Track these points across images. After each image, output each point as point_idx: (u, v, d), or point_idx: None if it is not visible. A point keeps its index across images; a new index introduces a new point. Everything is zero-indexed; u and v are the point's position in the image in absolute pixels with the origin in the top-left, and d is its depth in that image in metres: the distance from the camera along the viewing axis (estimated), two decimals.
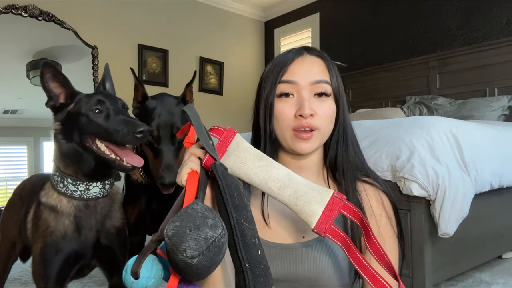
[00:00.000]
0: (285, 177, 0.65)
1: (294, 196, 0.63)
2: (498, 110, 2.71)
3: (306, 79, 0.75)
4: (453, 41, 3.31)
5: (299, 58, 0.78)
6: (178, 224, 0.52)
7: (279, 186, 0.64)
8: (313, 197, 0.63)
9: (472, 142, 1.60)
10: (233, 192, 0.58)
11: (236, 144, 0.68)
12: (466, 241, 1.66)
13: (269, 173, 0.65)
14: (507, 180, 1.77)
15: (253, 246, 0.57)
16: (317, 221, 0.61)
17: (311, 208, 0.62)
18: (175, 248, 0.51)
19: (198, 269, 0.53)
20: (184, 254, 0.51)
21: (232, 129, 0.69)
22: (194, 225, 0.52)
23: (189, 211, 0.54)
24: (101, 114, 0.99)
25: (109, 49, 3.84)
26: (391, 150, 1.48)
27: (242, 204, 0.59)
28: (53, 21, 3.47)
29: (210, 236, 0.52)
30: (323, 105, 0.75)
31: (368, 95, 3.78)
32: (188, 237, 0.51)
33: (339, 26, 4.28)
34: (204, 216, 0.54)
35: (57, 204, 1.01)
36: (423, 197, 1.41)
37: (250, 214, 0.59)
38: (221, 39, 4.77)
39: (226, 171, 0.61)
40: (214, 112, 4.62)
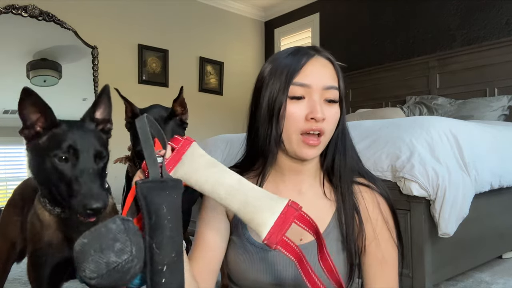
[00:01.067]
0: (236, 182, 0.62)
1: (244, 202, 0.60)
2: (498, 110, 2.71)
3: (319, 83, 0.74)
4: (453, 41, 3.31)
5: (312, 60, 0.76)
6: (86, 242, 0.53)
7: (229, 191, 0.61)
8: (266, 204, 0.59)
9: (472, 142, 1.60)
10: (152, 214, 0.57)
11: (191, 152, 0.66)
12: (466, 241, 1.66)
13: (219, 179, 0.63)
14: (507, 180, 1.77)
15: (158, 273, 0.57)
16: (268, 231, 0.57)
17: (262, 217, 0.58)
18: (78, 264, 0.52)
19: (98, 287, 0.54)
20: (83, 274, 0.52)
21: (189, 138, 0.68)
22: (100, 247, 0.52)
23: (102, 229, 0.54)
24: (66, 163, 0.86)
25: (109, 49, 3.84)
26: (391, 150, 1.47)
27: (159, 227, 0.57)
28: (53, 21, 3.47)
29: (112, 261, 0.52)
30: (331, 110, 0.75)
31: (368, 95, 3.78)
32: (90, 258, 0.52)
33: (339, 26, 4.28)
34: (114, 238, 0.53)
35: (40, 215, 0.99)
36: (423, 197, 1.41)
37: (167, 238, 0.57)
38: (221, 39, 4.77)
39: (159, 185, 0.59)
40: (214, 112, 4.62)
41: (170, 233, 0.58)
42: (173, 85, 4.33)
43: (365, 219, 0.77)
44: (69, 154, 0.86)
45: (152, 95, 4.17)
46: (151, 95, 4.17)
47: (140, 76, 4.09)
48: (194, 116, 4.72)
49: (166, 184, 0.60)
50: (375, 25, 3.90)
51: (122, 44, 3.97)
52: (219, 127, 4.40)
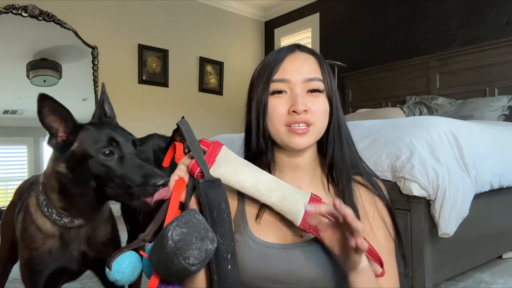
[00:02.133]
0: (273, 181, 0.72)
1: (282, 197, 0.70)
2: (498, 110, 2.71)
3: (299, 77, 0.75)
4: (453, 41, 3.31)
5: (291, 55, 0.78)
6: (186, 231, 0.57)
7: (268, 188, 0.70)
8: (297, 198, 0.70)
9: (472, 142, 1.60)
10: (213, 209, 0.64)
11: (225, 153, 0.73)
12: (466, 241, 1.66)
13: (259, 178, 0.71)
14: (507, 180, 1.77)
15: (224, 260, 0.63)
16: (301, 218, 0.68)
17: (297, 208, 0.69)
18: (178, 252, 0.55)
19: (190, 274, 0.59)
20: (186, 261, 0.55)
21: (218, 142, 0.74)
22: (200, 236, 0.57)
23: (194, 220, 0.58)
24: (113, 156, 0.84)
25: (109, 49, 3.84)
26: (391, 150, 1.47)
27: (221, 220, 0.64)
28: (53, 21, 3.47)
29: (209, 249, 0.58)
30: (316, 101, 0.76)
31: (368, 95, 3.78)
32: (194, 245, 0.56)
33: (339, 26, 4.28)
34: (206, 228, 0.59)
35: (41, 226, 0.96)
36: (423, 197, 1.41)
37: (227, 229, 0.64)
38: (221, 39, 4.77)
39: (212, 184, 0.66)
40: (214, 112, 4.62)
41: (229, 225, 0.65)
42: (173, 85, 4.33)
43: (363, 215, 0.78)
44: (113, 147, 0.84)
45: (152, 95, 4.18)
46: (151, 95, 4.17)
47: (140, 76, 4.09)
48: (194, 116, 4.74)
49: (218, 183, 0.68)
50: (375, 25, 3.90)
51: (122, 44, 3.97)
52: (219, 127, 4.40)
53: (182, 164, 0.72)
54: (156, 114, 4.01)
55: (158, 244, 0.59)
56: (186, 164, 0.72)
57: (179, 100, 4.35)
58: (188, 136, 0.71)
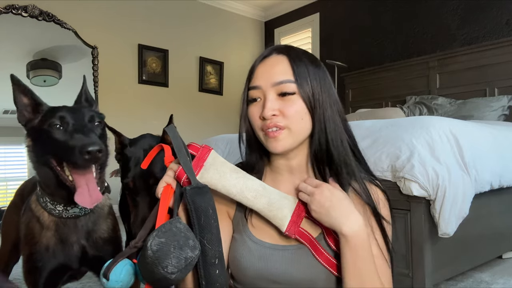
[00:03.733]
0: (259, 186, 0.73)
1: (268, 203, 0.71)
2: (498, 110, 2.71)
3: (268, 82, 0.76)
4: (453, 41, 3.31)
5: (263, 61, 0.79)
6: (164, 241, 0.58)
7: (255, 195, 0.71)
8: (284, 203, 0.72)
9: (472, 142, 1.60)
10: (200, 215, 0.65)
11: (213, 159, 0.73)
12: (466, 241, 1.66)
13: (245, 184, 0.72)
14: (507, 180, 1.77)
15: (212, 265, 0.64)
16: (287, 224, 0.70)
17: (283, 213, 0.71)
18: (157, 262, 0.57)
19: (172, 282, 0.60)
20: (165, 270, 0.57)
21: (207, 146, 0.74)
22: (178, 244, 0.59)
23: (174, 229, 0.60)
24: (60, 130, 0.90)
25: (109, 49, 3.84)
26: (391, 150, 1.47)
27: (208, 226, 0.65)
28: (53, 21, 3.47)
29: (189, 257, 0.59)
30: (287, 103, 0.75)
31: (368, 95, 3.78)
32: (171, 254, 0.58)
33: (339, 26, 4.28)
34: (186, 236, 0.61)
35: (40, 216, 0.99)
36: (423, 197, 1.41)
37: (214, 235, 0.66)
38: (221, 39, 4.77)
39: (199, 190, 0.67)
40: (214, 112, 4.62)
41: (216, 230, 0.66)
42: (173, 85, 4.33)
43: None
44: (62, 121, 0.90)
45: (152, 95, 4.18)
46: (151, 95, 4.17)
47: (140, 76, 4.09)
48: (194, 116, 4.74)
49: (205, 189, 0.69)
50: (375, 25, 3.90)
51: (122, 44, 3.97)
52: (219, 127, 4.40)
53: (169, 170, 0.73)
54: (156, 114, 4.01)
55: (141, 254, 0.62)
56: (173, 170, 0.72)
57: (179, 100, 4.35)
58: (175, 142, 0.71)
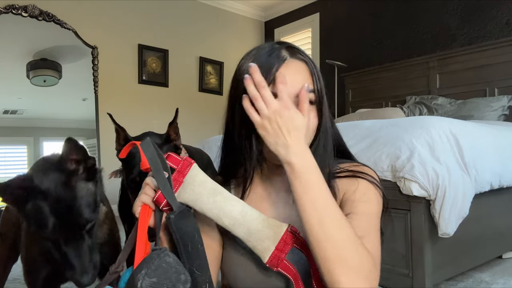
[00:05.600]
0: (238, 214, 0.66)
1: (247, 233, 0.65)
2: (498, 110, 2.71)
3: (291, 92, 0.70)
4: (453, 41, 3.31)
5: (283, 65, 0.71)
6: (156, 281, 0.56)
7: (233, 223, 0.66)
8: (266, 234, 0.65)
9: (472, 142, 1.60)
10: (187, 242, 0.62)
11: (191, 178, 0.67)
12: (466, 241, 1.66)
13: (222, 210, 0.66)
14: (507, 180, 1.77)
15: None
16: (269, 256, 0.64)
17: (263, 245, 0.65)
18: None
19: None
20: None
21: (189, 159, 0.68)
22: (171, 283, 0.56)
23: (164, 265, 0.57)
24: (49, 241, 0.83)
25: (109, 49, 3.84)
26: (391, 150, 1.47)
27: (195, 252, 0.63)
28: (53, 21, 3.47)
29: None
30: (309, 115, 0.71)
31: (368, 95, 3.78)
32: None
33: (339, 26, 4.28)
34: (177, 271, 0.58)
35: None
36: (423, 197, 1.41)
37: (203, 260, 0.63)
38: (221, 39, 4.77)
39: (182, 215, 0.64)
40: (214, 112, 4.62)
41: (203, 255, 0.64)
42: (173, 85, 4.33)
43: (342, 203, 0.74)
44: (54, 232, 0.80)
45: (152, 95, 4.18)
46: (151, 95, 4.17)
47: (140, 76, 4.09)
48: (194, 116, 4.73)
49: (188, 212, 0.65)
50: (375, 25, 3.90)
51: (122, 44, 3.97)
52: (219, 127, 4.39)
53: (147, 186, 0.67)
54: (156, 114, 4.01)
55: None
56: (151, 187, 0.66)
57: (179, 100, 4.34)
58: (152, 163, 0.65)
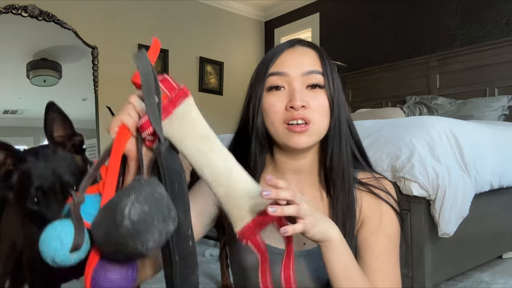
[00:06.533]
0: (223, 169, 0.57)
1: (226, 194, 0.57)
2: (498, 110, 2.71)
3: (297, 70, 0.71)
4: (453, 41, 3.31)
5: (289, 49, 0.74)
6: (147, 211, 0.46)
7: (215, 179, 0.57)
8: (246, 202, 0.56)
9: (472, 142, 1.60)
10: (174, 181, 0.53)
11: (182, 112, 0.57)
12: (466, 241, 1.66)
13: (206, 159, 0.56)
14: (507, 180, 1.77)
15: (185, 239, 0.54)
16: (242, 227, 0.56)
17: (240, 213, 0.56)
18: (136, 236, 0.45)
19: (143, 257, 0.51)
20: (144, 245, 0.46)
21: (186, 89, 0.59)
22: (162, 217, 0.48)
23: (156, 195, 0.48)
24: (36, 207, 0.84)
25: (109, 49, 3.84)
26: (391, 150, 1.47)
27: (182, 194, 0.54)
28: (53, 21, 3.47)
29: (170, 230, 0.49)
30: (317, 97, 0.71)
31: (368, 95, 3.78)
32: (155, 228, 0.46)
33: (339, 26, 4.28)
34: (168, 206, 0.50)
35: None
36: (423, 197, 1.41)
37: (187, 203, 0.55)
38: (221, 39, 4.77)
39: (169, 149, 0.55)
40: (214, 112, 4.62)
41: (188, 197, 0.56)
42: None
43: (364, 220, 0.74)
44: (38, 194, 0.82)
45: None
46: None
47: None
48: None
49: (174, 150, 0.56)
50: (375, 25, 3.90)
51: (122, 44, 3.97)
52: (219, 127, 4.39)
53: (130, 105, 0.56)
54: None
55: (107, 219, 0.47)
56: (135, 107, 0.56)
57: None
58: (145, 80, 0.54)
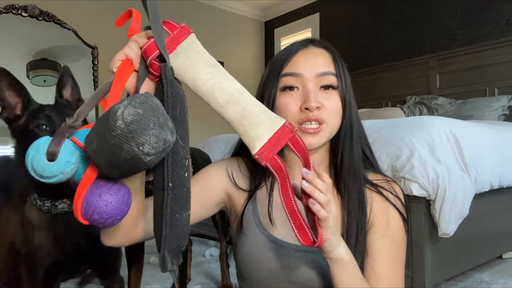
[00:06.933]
0: (236, 91, 0.58)
1: (241, 114, 0.57)
2: (498, 110, 2.71)
3: (311, 71, 0.72)
4: (453, 41, 3.31)
5: (303, 50, 0.75)
6: (141, 113, 0.45)
7: (228, 100, 0.58)
8: (262, 120, 0.58)
9: (472, 142, 1.60)
10: (177, 104, 0.52)
11: (188, 44, 0.58)
12: (466, 241, 1.66)
13: (218, 83, 0.57)
14: (507, 180, 1.77)
15: (182, 167, 0.52)
16: (260, 147, 0.57)
17: (257, 132, 0.57)
18: (131, 136, 0.44)
19: (142, 167, 0.47)
20: (140, 148, 0.44)
21: (187, 28, 0.58)
22: (158, 122, 0.46)
23: (151, 103, 0.47)
24: (47, 131, 0.89)
25: (109, 49, 3.84)
26: (391, 150, 1.47)
27: (182, 119, 0.52)
28: (53, 21, 3.47)
29: (168, 140, 0.47)
30: (330, 97, 0.72)
31: (368, 95, 3.78)
32: (150, 131, 0.45)
33: (339, 26, 4.28)
34: (165, 116, 0.48)
35: (29, 216, 0.98)
36: (423, 197, 1.41)
37: (187, 133, 0.54)
38: (221, 39, 4.77)
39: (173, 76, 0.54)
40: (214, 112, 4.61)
41: (188, 128, 0.54)
42: None
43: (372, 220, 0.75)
44: (49, 121, 0.89)
45: None
46: None
47: None
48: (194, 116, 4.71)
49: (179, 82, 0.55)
50: (375, 25, 3.90)
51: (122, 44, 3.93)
52: (219, 127, 4.40)
53: (132, 42, 0.57)
54: None
55: (100, 126, 0.45)
56: (138, 42, 0.57)
57: None
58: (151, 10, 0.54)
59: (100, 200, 0.49)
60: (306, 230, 0.58)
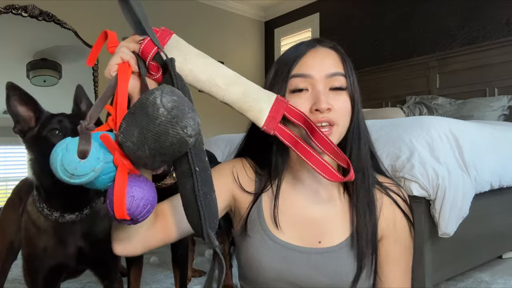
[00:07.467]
0: (233, 74, 0.63)
1: (243, 93, 0.63)
2: (498, 110, 2.71)
3: (321, 72, 0.71)
4: (453, 41, 3.31)
5: (312, 50, 0.73)
6: (177, 99, 0.47)
7: (228, 82, 0.62)
8: (261, 95, 0.64)
9: (472, 142, 1.59)
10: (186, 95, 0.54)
11: (176, 41, 0.62)
12: (466, 241, 1.66)
13: (216, 70, 0.62)
14: (507, 180, 1.77)
15: (202, 152, 0.55)
16: (265, 118, 0.63)
17: (260, 106, 0.63)
18: (175, 121, 0.46)
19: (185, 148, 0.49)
20: (185, 130, 0.47)
21: (167, 29, 0.62)
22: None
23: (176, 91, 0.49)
24: (59, 136, 0.89)
25: None
26: (391, 150, 1.47)
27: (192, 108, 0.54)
28: (53, 21, 3.47)
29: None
30: (340, 98, 0.71)
31: (368, 95, 3.77)
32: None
33: (339, 26, 4.28)
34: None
35: (36, 220, 0.99)
36: (423, 197, 1.40)
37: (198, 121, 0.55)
38: (221, 39, 4.77)
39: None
40: (214, 112, 4.62)
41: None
42: None
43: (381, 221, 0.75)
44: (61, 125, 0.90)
45: None
46: None
47: None
48: None
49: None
50: (375, 25, 3.90)
51: None
52: (219, 127, 4.40)
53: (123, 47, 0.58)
54: None
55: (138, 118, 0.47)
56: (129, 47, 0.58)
57: None
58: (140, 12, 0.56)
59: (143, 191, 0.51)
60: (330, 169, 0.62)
